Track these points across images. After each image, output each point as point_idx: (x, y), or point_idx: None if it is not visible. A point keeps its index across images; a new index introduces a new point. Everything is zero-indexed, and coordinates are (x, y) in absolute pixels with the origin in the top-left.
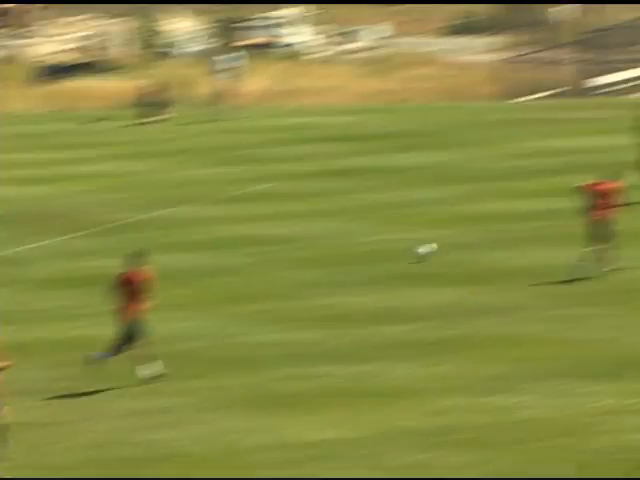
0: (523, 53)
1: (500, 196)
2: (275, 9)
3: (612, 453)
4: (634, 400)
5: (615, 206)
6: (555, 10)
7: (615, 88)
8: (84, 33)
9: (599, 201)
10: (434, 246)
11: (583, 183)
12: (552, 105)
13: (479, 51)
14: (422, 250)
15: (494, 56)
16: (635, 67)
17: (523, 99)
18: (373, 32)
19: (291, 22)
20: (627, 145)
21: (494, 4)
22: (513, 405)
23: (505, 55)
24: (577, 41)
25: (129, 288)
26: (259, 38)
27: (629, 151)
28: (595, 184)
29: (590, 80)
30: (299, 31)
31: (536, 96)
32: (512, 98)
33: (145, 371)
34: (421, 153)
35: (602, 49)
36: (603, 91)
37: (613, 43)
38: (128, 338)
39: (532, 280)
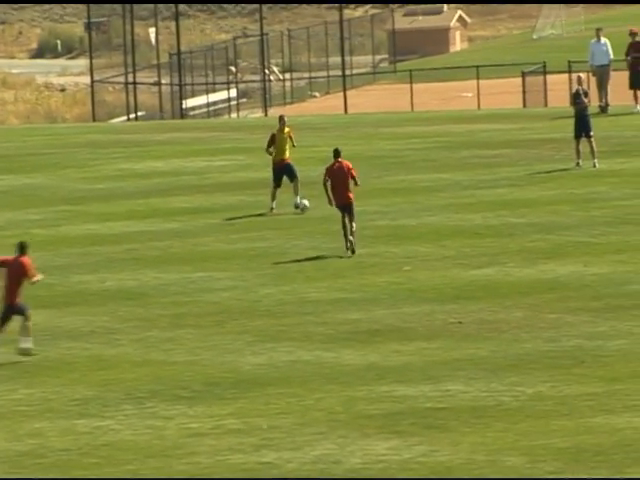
0: (115, 75)
1: (93, 218)
2: None
3: (171, 473)
4: (221, 422)
5: None
6: (149, 32)
7: (209, 109)
8: None
9: None
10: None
11: None
12: (146, 127)
13: (72, 73)
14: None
15: (86, 78)
16: (228, 89)
17: (116, 120)
18: None
19: None
20: (223, 166)
21: None
22: (98, 428)
23: (97, 77)
24: (168, 63)
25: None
26: None
27: (226, 172)
28: None
29: (185, 101)
30: None
31: (127, 117)
32: (105, 120)
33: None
34: (10, 176)
35: (193, 71)
36: (197, 112)
37: (202, 65)
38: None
39: (121, 303)
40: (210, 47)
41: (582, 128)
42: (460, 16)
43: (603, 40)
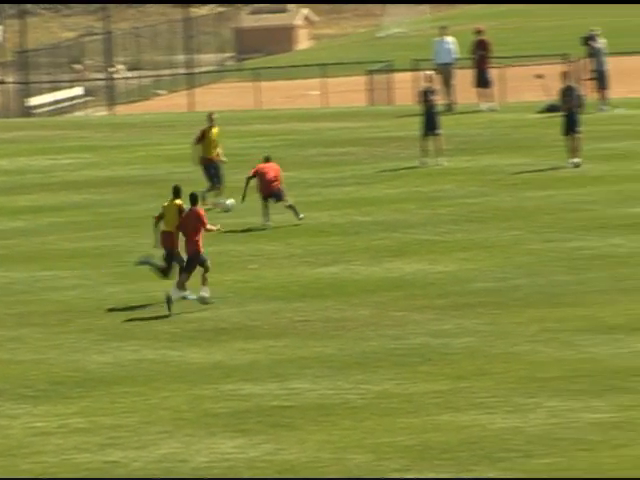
0: None
1: None
2: None
3: (41, 473)
4: (67, 421)
5: None
6: None
7: (54, 107)
8: None
9: None
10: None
11: None
12: None
13: None
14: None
15: None
16: (73, 87)
17: None
18: None
19: None
20: (69, 164)
21: None
22: None
23: None
24: (14, 61)
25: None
26: None
27: (71, 170)
28: None
29: (30, 100)
30: None
31: None
32: None
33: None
34: None
35: (38, 69)
36: (42, 110)
37: (48, 63)
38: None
39: None
40: (56, 45)
41: (429, 126)
42: (306, 15)
43: (448, 39)
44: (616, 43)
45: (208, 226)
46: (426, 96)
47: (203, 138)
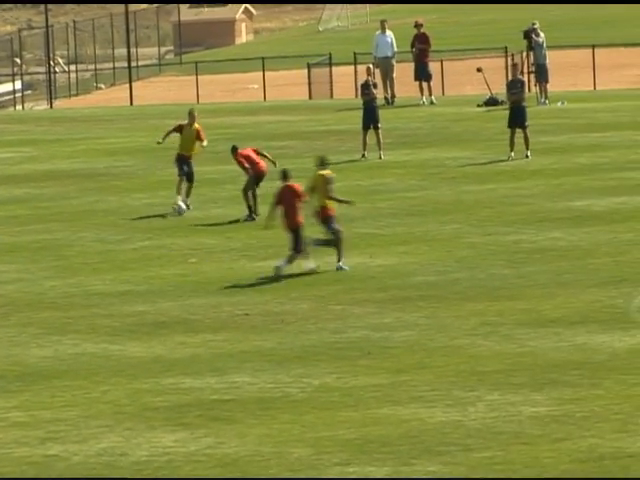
0: None
1: None
2: None
3: None
4: (6, 415)
5: None
6: None
7: None
8: None
9: None
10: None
11: None
12: None
13: None
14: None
15: None
16: (13, 81)
17: None
18: None
19: None
20: (8, 158)
21: None
22: None
23: None
24: None
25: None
26: None
27: (10, 164)
28: None
29: None
30: None
31: None
32: None
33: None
34: None
35: None
36: None
37: None
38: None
39: None
40: None
41: (370, 119)
42: (246, 8)
43: (388, 32)
44: (555, 37)
45: (305, 198)
46: (367, 89)
47: (179, 132)
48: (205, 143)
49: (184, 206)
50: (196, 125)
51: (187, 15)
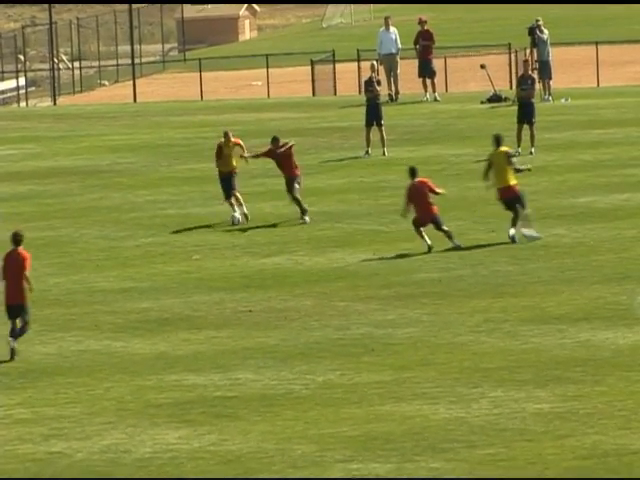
0: None
1: None
2: None
3: None
4: (10, 411)
5: None
6: None
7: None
8: None
9: None
10: None
11: None
12: None
13: None
14: None
15: None
16: (17, 77)
17: None
18: None
19: None
20: (12, 155)
21: None
22: None
23: None
24: None
25: None
26: None
27: (14, 161)
28: None
29: None
30: None
31: None
32: None
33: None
34: None
35: None
36: None
37: None
38: None
39: None
40: None
41: (373, 116)
42: (249, 5)
43: (392, 29)
44: (558, 34)
45: (437, 190)
46: (370, 86)
47: (221, 154)
48: (246, 154)
49: (238, 215)
50: (234, 140)
51: (191, 12)
